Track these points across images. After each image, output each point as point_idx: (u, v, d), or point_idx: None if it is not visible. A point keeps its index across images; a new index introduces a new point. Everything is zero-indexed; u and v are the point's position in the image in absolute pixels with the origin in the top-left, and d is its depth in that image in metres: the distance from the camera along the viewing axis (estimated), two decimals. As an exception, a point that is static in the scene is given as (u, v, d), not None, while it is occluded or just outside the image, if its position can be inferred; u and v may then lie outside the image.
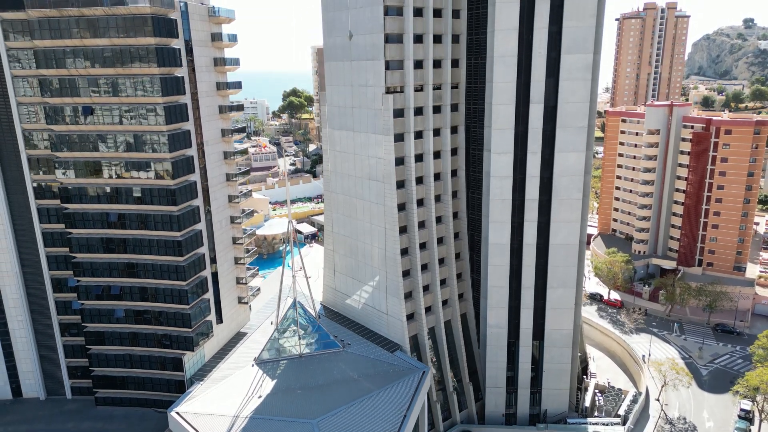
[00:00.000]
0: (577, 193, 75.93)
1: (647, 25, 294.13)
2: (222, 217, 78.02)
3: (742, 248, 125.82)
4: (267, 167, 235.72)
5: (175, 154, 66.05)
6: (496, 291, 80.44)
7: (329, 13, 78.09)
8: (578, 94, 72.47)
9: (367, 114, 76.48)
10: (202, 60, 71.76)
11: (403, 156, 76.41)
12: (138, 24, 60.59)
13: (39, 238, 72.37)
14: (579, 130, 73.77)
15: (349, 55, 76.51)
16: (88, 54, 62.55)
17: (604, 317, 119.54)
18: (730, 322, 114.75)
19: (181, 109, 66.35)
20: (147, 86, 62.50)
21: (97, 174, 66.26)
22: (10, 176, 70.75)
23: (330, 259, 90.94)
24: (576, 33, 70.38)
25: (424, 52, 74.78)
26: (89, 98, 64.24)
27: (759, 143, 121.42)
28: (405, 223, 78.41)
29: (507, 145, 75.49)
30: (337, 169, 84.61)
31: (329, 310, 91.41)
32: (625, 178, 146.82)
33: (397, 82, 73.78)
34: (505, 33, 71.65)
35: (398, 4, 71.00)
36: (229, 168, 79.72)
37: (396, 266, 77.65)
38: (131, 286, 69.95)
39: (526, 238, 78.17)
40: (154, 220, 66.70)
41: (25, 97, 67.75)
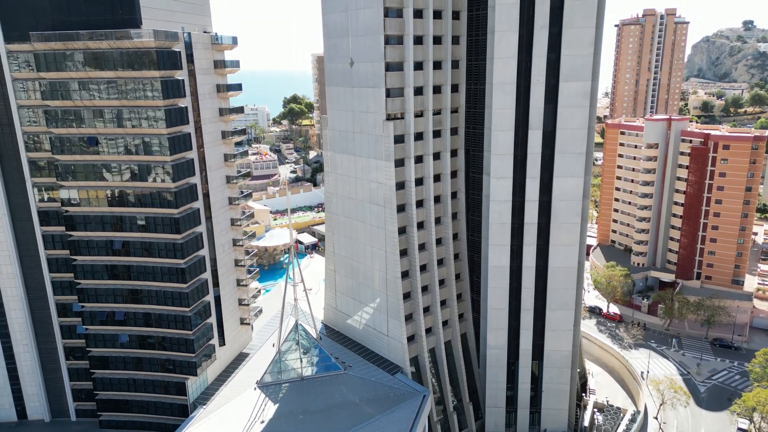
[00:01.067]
0: (575, 217, 76.79)
1: (646, 32, 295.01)
2: (224, 240, 78.94)
3: (740, 262, 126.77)
4: (268, 175, 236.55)
5: (180, 183, 66.97)
6: (496, 313, 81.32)
7: (331, 40, 78.97)
8: (577, 120, 73.36)
9: (368, 139, 77.37)
10: (205, 87, 72.65)
11: (404, 180, 77.31)
12: (143, 58, 61.48)
13: (44, 263, 73.32)
14: (578, 156, 74.64)
15: (350, 81, 77.38)
16: (93, 86, 63.45)
17: (603, 331, 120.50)
18: (728, 336, 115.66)
19: (185, 138, 67.27)
20: (151, 117, 63.38)
21: (101, 202, 67.17)
22: (15, 203, 71.66)
23: (331, 278, 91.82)
24: (574, 61, 71.25)
25: (424, 79, 75.65)
26: (94, 129, 65.20)
27: (756, 158, 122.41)
28: (405, 246, 79.29)
29: (506, 170, 76.37)
30: (338, 192, 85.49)
31: (330, 329, 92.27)
32: (624, 189, 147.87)
33: (397, 109, 74.67)
34: (504, 61, 72.53)
35: (399, 33, 71.86)
36: (232, 192, 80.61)
37: (397, 289, 78.54)
38: (135, 312, 70.84)
39: (526, 260, 79.07)
40: (158, 248, 67.61)
41: (30, 126, 68.67)
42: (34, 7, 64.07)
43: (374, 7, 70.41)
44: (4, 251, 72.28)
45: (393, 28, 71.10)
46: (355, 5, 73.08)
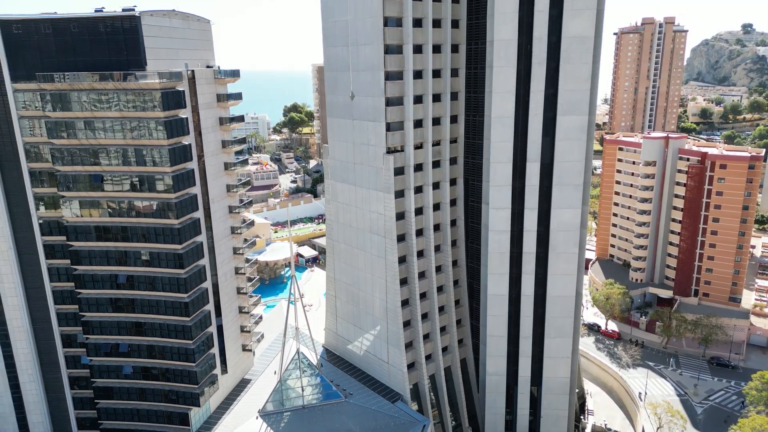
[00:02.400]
0: (573, 247, 77.89)
1: (645, 40, 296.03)
2: (227, 269, 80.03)
3: (737, 279, 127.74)
4: (268, 186, 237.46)
5: (183, 219, 68.07)
6: (495, 340, 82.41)
7: (332, 73, 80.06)
8: (574, 153, 74.45)
9: (368, 171, 78.45)
10: (208, 122, 73.72)
11: (404, 211, 78.44)
12: (148, 99, 62.58)
13: (49, 296, 74.41)
14: (575, 188, 75.72)
15: (351, 113, 78.47)
16: (98, 125, 64.53)
17: (601, 350, 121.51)
18: (725, 354, 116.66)
19: (189, 174, 68.39)
20: (156, 156, 64.48)
21: (107, 238, 68.27)
22: (21, 237, 72.78)
23: (332, 304, 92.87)
24: (572, 96, 72.34)
25: (423, 112, 76.76)
26: (99, 167, 66.29)
27: (753, 177, 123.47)
28: (405, 275, 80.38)
29: (505, 201, 77.45)
30: (339, 219, 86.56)
31: (331, 353, 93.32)
32: (623, 205, 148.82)
33: (397, 142, 75.77)
34: (503, 95, 73.63)
35: (398, 69, 72.96)
36: (234, 221, 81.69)
37: (397, 317, 79.61)
38: (139, 344, 71.97)
39: (524, 289, 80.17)
40: (161, 282, 68.70)
41: (36, 163, 69.78)
42: (40, 48, 65.15)
43: (375, 44, 71.50)
44: (10, 283, 73.39)
45: (393, 65, 72.24)
46: (356, 41, 74.16)
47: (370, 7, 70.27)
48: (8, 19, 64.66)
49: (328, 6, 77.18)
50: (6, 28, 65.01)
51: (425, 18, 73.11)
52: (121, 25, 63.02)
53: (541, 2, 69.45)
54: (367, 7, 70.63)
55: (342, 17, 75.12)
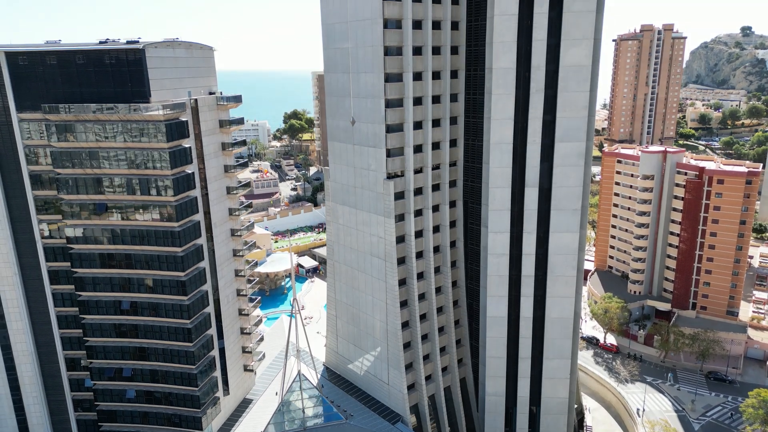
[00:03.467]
0: (571, 270, 78.84)
1: (644, 47, 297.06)
2: (229, 292, 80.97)
3: (734, 293, 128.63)
4: (268, 194, 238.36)
5: (186, 246, 69.00)
6: (494, 361, 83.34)
7: (333, 98, 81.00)
8: (572, 179, 75.40)
9: (369, 195, 79.40)
10: (211, 148, 74.68)
11: (404, 234, 79.40)
12: (152, 130, 63.52)
13: (54, 319, 75.36)
14: (573, 213, 76.68)
15: (352, 138, 79.42)
16: (103, 154, 65.47)
17: (600, 363, 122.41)
18: (722, 369, 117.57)
19: (192, 202, 69.37)
20: (160, 185, 65.42)
21: (111, 265, 69.21)
22: (26, 263, 73.75)
23: (332, 323, 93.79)
24: (569, 123, 73.31)
25: (423, 137, 77.72)
26: (103, 195, 67.24)
27: (750, 192, 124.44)
28: (406, 297, 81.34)
29: (503, 225, 78.39)
30: (339, 241, 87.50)
31: (332, 372, 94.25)
32: (621, 217, 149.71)
33: (397, 168, 76.74)
34: (501, 122, 74.59)
35: (399, 96, 73.87)
36: (236, 244, 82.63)
37: (397, 340, 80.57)
38: (142, 369, 72.89)
39: (523, 311, 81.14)
40: (164, 308, 69.64)
41: (41, 190, 70.70)
42: (46, 78, 66.09)
43: (376, 72, 72.46)
44: (14, 308, 74.35)
45: (393, 92, 73.18)
46: (357, 69, 75.13)
47: (371, 36, 71.24)
48: (14, 50, 65.62)
49: (329, 33, 78.13)
50: (12, 59, 65.98)
51: (425, 46, 74.09)
52: (125, 57, 63.95)
53: (539, 32, 70.44)
54: (368, 36, 71.60)
55: (343, 45, 76.09)
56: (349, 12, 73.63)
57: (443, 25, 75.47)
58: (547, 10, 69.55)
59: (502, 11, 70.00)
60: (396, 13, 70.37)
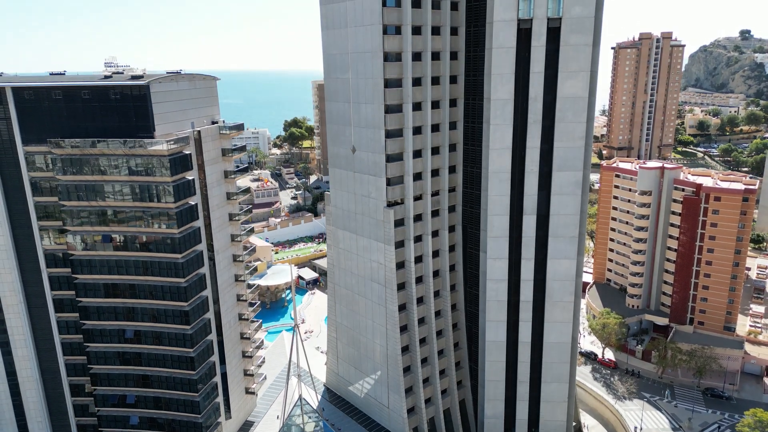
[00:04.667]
0: (569, 296, 79.93)
1: (642, 54, 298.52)
2: (231, 317, 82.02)
3: (731, 308, 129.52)
4: (269, 203, 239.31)
5: (189, 277, 70.14)
6: (493, 384, 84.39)
7: (334, 126, 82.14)
8: (569, 207, 76.48)
9: (369, 221, 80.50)
10: (214, 176, 75.80)
11: (404, 260, 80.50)
12: (156, 165, 64.62)
13: (58, 346, 76.44)
14: (570, 240, 77.80)
15: (353, 166, 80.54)
16: (108, 188, 66.59)
17: (598, 379, 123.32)
18: (719, 385, 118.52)
19: (195, 233, 70.52)
20: (164, 218, 66.53)
21: (115, 294, 70.32)
22: (31, 291, 74.86)
23: (333, 345, 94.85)
24: (566, 153, 74.39)
25: (423, 165, 78.87)
26: (107, 227, 68.34)
27: (747, 209, 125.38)
28: (405, 322, 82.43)
29: (502, 252, 79.46)
30: (340, 265, 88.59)
31: (332, 393, 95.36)
32: (619, 231, 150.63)
33: (397, 196, 77.87)
34: (500, 151, 75.66)
35: (398, 126, 75.04)
36: (238, 269, 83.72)
37: (397, 364, 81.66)
38: (146, 396, 73.95)
39: (522, 336, 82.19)
40: (168, 337, 70.71)
41: (46, 221, 71.86)
42: (52, 113, 67.18)
43: (376, 103, 73.60)
44: (20, 335, 75.42)
45: (393, 123, 74.34)
46: (357, 99, 76.24)
47: (371, 69, 72.37)
48: (21, 86, 66.70)
49: (330, 63, 79.29)
50: (18, 94, 67.08)
51: (424, 77, 75.27)
52: (130, 93, 65.04)
53: (537, 65, 71.57)
54: (369, 69, 72.72)
55: (344, 75, 77.21)
56: (349, 44, 74.79)
57: (442, 56, 76.66)
58: (544, 44, 70.68)
59: (500, 44, 71.11)
60: (396, 46, 71.54)
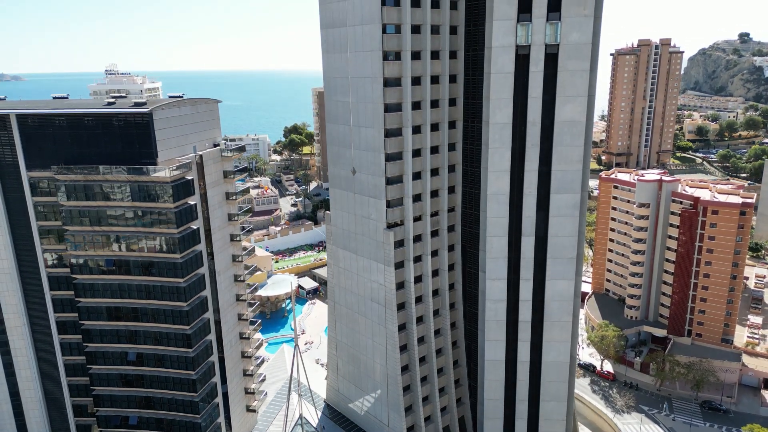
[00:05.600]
0: (567, 316, 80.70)
1: (641, 61, 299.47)
2: (232, 337, 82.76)
3: (729, 321, 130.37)
4: (269, 210, 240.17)
5: (192, 300, 70.96)
6: (493, 403, 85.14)
7: (334, 147, 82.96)
8: (567, 228, 77.31)
9: (369, 242, 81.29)
10: (216, 199, 76.59)
11: (404, 281, 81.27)
12: (159, 191, 65.44)
13: (61, 368, 77.23)
14: (568, 261, 78.58)
15: (353, 187, 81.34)
16: (111, 213, 67.43)
17: (596, 392, 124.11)
18: (717, 398, 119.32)
19: (197, 257, 71.39)
20: (166, 243, 67.35)
21: (118, 317, 71.11)
22: (34, 313, 75.76)
23: (333, 362, 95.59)
24: (564, 176, 75.21)
25: (422, 187, 79.69)
26: (111, 251, 69.13)
27: (745, 223, 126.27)
28: (405, 341, 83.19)
29: (501, 272, 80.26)
30: (340, 284, 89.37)
31: (332, 410, 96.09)
32: (618, 242, 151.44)
33: (397, 218, 78.67)
34: (498, 174, 76.47)
35: (398, 150, 75.87)
36: (239, 289, 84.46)
37: (397, 384, 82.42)
38: (148, 417, 74.70)
39: (520, 355, 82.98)
40: (170, 360, 71.50)
41: (49, 244, 72.64)
42: (55, 139, 68.03)
43: (376, 127, 74.43)
44: (23, 357, 76.24)
45: (393, 147, 75.17)
46: (357, 122, 77.05)
47: (371, 94, 73.22)
48: (24, 112, 67.52)
49: (330, 86, 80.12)
50: (22, 121, 67.90)
51: (423, 101, 76.11)
52: (133, 120, 65.86)
53: (535, 89, 72.40)
54: (369, 94, 73.57)
55: (344, 99, 78.05)
56: (350, 69, 75.62)
57: (441, 80, 77.50)
58: (542, 69, 71.52)
59: (499, 70, 71.95)
60: (396, 72, 72.37)
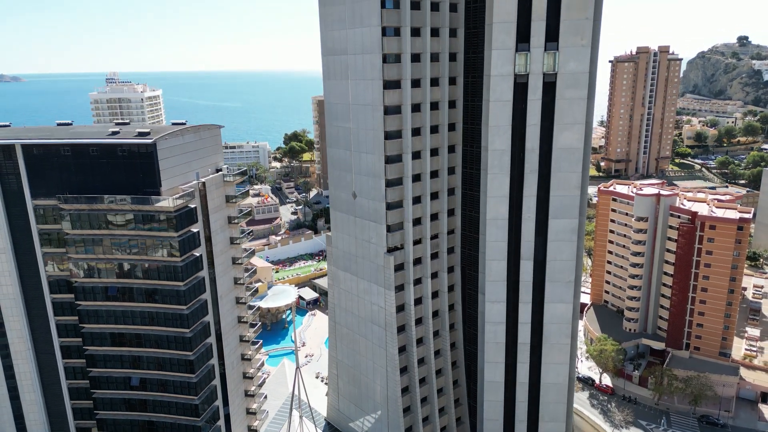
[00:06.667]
0: (565, 338, 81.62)
1: (640, 68, 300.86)
2: (234, 358, 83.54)
3: (727, 335, 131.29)
4: (269, 219, 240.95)
5: (194, 326, 71.81)
6: (492, 424, 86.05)
7: (335, 171, 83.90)
8: (565, 253, 78.24)
9: (369, 265, 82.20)
10: (218, 223, 77.33)
11: (404, 303, 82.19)
12: (163, 221, 66.30)
13: (65, 392, 78.02)
14: (567, 284, 79.51)
15: (354, 210, 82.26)
16: (115, 241, 68.30)
17: (595, 406, 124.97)
18: (714, 412, 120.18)
19: (200, 283, 72.27)
20: (170, 271, 68.23)
21: (121, 343, 71.97)
22: (39, 338, 76.55)
23: (334, 381, 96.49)
24: (562, 201, 76.15)
25: (422, 211, 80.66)
26: (114, 279, 70.05)
27: (742, 238, 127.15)
28: (405, 363, 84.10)
29: (500, 295, 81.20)
30: (341, 305, 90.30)
31: (333, 428, 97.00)
32: (616, 254, 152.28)
33: (397, 242, 79.60)
34: (497, 199, 77.43)
35: (398, 176, 76.81)
36: (240, 311, 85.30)
37: (397, 405, 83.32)
38: (152, 441, 75.62)
39: (519, 377, 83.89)
40: (173, 385, 72.34)
41: (54, 271, 73.51)
42: (60, 167, 68.82)
43: (376, 154, 75.40)
44: (27, 381, 77.05)
45: (393, 173, 76.15)
46: (358, 148, 78.00)
47: (371, 121, 74.20)
48: (29, 143, 68.38)
49: (332, 112, 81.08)
50: (27, 150, 68.76)
51: (423, 126, 77.08)
52: (137, 150, 66.72)
53: (533, 117, 73.37)
54: (369, 121, 74.54)
55: (345, 124, 79.00)
56: (351, 96, 76.57)
57: (441, 106, 78.50)
58: (540, 97, 72.50)
59: (498, 98, 72.90)
60: (396, 100, 73.33)
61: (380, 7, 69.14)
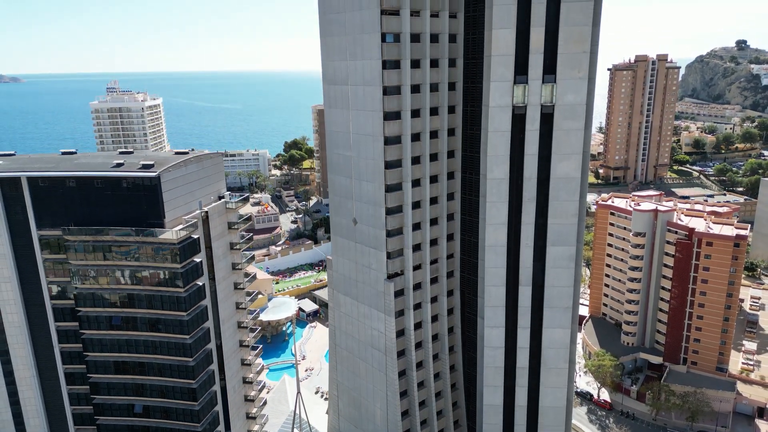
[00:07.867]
0: (563, 363, 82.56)
1: (638, 76, 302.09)
2: (235, 382, 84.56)
3: (724, 350, 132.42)
4: (269, 228, 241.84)
5: (197, 355, 72.80)
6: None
7: (336, 197, 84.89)
8: (563, 279, 79.18)
9: (369, 291, 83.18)
10: (220, 250, 78.38)
11: (404, 328, 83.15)
12: (166, 252, 67.32)
13: (69, 418, 79.02)
14: (564, 310, 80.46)
15: (354, 236, 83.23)
16: (119, 272, 69.34)
17: (593, 422, 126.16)
18: (711, 428, 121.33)
19: (203, 312, 73.29)
20: (173, 301, 69.26)
21: (125, 371, 72.95)
22: (44, 365, 77.53)
23: (334, 402, 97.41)
24: (560, 228, 77.12)
25: (422, 237, 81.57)
26: (118, 308, 71.05)
27: (738, 255, 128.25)
28: (405, 387, 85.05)
29: (499, 320, 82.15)
30: (341, 327, 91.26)
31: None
32: (615, 267, 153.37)
33: (397, 268, 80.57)
34: (496, 227, 78.41)
35: (398, 204, 77.78)
36: (242, 335, 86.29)
37: (397, 429, 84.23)
38: (155, 466, 76.57)
39: (518, 400, 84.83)
40: (176, 413, 73.31)
41: (59, 300, 74.54)
42: (65, 199, 69.81)
43: (376, 183, 76.36)
44: (32, 406, 78.05)
45: (393, 201, 77.05)
46: (359, 176, 78.99)
47: (372, 151, 75.18)
48: (35, 175, 69.39)
49: (332, 140, 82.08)
50: (33, 183, 69.75)
51: (423, 155, 78.04)
52: (141, 183, 67.72)
53: (531, 147, 74.32)
54: (369, 150, 75.53)
55: (346, 152, 80.00)
56: (351, 125, 77.58)
57: (440, 134, 79.49)
58: (538, 128, 73.47)
59: (496, 128, 73.89)
60: (396, 130, 74.30)
61: (381, 41, 70.14)
